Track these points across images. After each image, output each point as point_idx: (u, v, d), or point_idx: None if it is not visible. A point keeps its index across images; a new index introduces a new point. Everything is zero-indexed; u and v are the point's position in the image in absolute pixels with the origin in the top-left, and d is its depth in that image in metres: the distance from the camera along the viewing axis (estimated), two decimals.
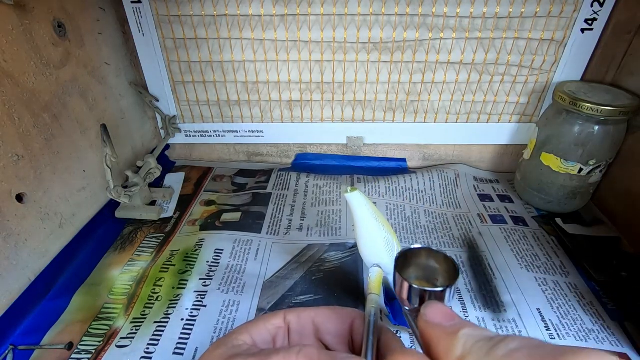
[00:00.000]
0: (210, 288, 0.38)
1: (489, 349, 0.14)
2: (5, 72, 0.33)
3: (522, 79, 0.50)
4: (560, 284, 0.40)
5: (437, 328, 0.17)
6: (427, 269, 0.23)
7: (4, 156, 0.33)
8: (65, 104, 0.40)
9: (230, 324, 0.35)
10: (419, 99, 0.53)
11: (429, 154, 0.59)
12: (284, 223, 0.48)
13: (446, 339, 0.16)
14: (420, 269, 0.23)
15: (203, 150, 0.61)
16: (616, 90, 0.45)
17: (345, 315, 0.23)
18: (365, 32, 0.47)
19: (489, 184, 0.56)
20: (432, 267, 0.23)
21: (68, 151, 0.41)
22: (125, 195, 0.44)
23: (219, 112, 0.56)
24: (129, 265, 0.41)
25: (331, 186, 0.54)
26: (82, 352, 0.33)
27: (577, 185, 0.47)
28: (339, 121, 0.56)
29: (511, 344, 0.14)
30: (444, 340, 0.16)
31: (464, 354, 0.15)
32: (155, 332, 0.34)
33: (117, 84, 0.49)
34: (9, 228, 0.34)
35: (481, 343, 0.15)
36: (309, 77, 0.51)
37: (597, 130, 0.43)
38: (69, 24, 0.40)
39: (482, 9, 0.45)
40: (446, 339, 0.16)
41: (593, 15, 0.45)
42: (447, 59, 0.49)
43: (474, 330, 0.16)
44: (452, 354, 0.15)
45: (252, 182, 0.56)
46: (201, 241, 0.44)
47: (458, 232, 0.47)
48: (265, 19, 0.47)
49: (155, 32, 0.49)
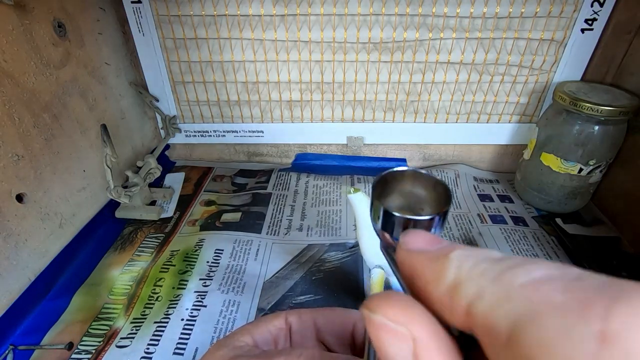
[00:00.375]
0: (211, 288, 0.38)
1: (499, 274, 0.10)
2: (5, 72, 0.33)
3: (522, 79, 0.50)
4: None
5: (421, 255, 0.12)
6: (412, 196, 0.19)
7: (4, 156, 0.33)
8: (65, 104, 0.40)
9: (231, 324, 0.35)
10: (419, 99, 0.53)
11: (429, 154, 0.59)
12: (284, 223, 0.48)
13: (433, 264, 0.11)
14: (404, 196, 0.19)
15: (203, 150, 0.61)
16: (616, 90, 0.45)
17: (347, 316, 0.23)
18: (365, 32, 0.47)
19: (489, 184, 0.56)
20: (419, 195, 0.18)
21: (68, 151, 0.41)
22: (125, 195, 0.44)
23: (219, 112, 0.56)
24: (129, 265, 0.41)
25: (331, 186, 0.54)
26: (82, 352, 0.33)
27: (577, 185, 0.47)
28: (339, 121, 0.56)
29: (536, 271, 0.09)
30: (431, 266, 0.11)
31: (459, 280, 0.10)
32: (155, 332, 0.34)
33: (117, 84, 0.49)
34: (9, 228, 0.34)
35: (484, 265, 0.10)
36: (309, 77, 0.51)
37: (597, 130, 0.43)
38: (69, 24, 0.40)
39: (482, 9, 0.45)
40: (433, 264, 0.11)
41: (593, 15, 0.45)
42: (447, 59, 0.49)
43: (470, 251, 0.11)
44: (442, 281, 0.11)
45: (252, 182, 0.56)
46: (201, 241, 0.44)
47: (458, 232, 0.47)
48: (265, 19, 0.47)
49: (155, 32, 0.49)
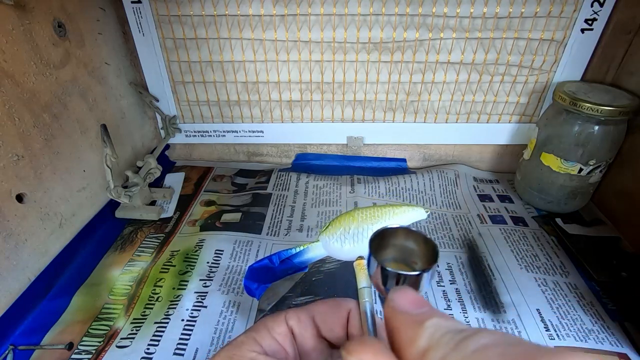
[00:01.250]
0: (211, 289, 0.38)
1: (458, 342, 0.13)
2: (5, 72, 0.33)
3: (522, 79, 0.50)
4: (560, 284, 0.40)
5: (403, 316, 0.15)
6: (405, 250, 0.21)
7: (4, 156, 0.33)
8: (65, 104, 0.40)
9: (231, 324, 0.35)
10: (419, 99, 0.53)
11: (429, 154, 0.59)
12: (284, 224, 0.48)
13: (411, 328, 0.14)
14: (398, 250, 0.21)
15: (203, 150, 0.61)
16: (616, 90, 0.45)
17: (342, 307, 0.23)
18: (365, 32, 0.47)
19: (489, 184, 0.56)
20: (411, 249, 0.21)
21: (68, 151, 0.41)
22: (125, 195, 0.44)
23: (219, 112, 0.56)
24: (129, 266, 0.41)
25: (331, 187, 0.54)
26: (83, 352, 0.33)
27: (577, 185, 0.47)
28: (339, 121, 0.56)
29: (483, 339, 0.12)
30: (409, 329, 0.14)
31: (430, 346, 0.13)
32: (155, 332, 0.34)
33: (117, 84, 0.49)
34: (9, 228, 0.34)
35: (449, 335, 0.13)
36: (309, 77, 0.51)
37: (597, 130, 0.43)
38: (69, 24, 0.40)
39: (482, 9, 0.45)
40: (411, 328, 0.14)
41: (593, 15, 0.45)
42: (447, 59, 0.49)
43: (443, 321, 0.14)
44: (416, 345, 0.13)
45: (252, 182, 0.56)
46: (201, 242, 0.44)
47: (458, 232, 0.47)
48: (265, 19, 0.47)
49: (155, 32, 0.49)
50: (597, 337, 0.34)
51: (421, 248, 0.20)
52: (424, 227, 0.47)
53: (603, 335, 0.34)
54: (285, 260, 0.30)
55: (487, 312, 0.37)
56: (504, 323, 0.36)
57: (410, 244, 0.21)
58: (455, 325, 0.14)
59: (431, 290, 0.39)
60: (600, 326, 0.35)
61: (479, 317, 0.36)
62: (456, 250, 0.44)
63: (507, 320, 0.36)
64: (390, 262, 0.21)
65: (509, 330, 0.35)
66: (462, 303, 0.38)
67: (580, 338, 0.34)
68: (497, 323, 0.36)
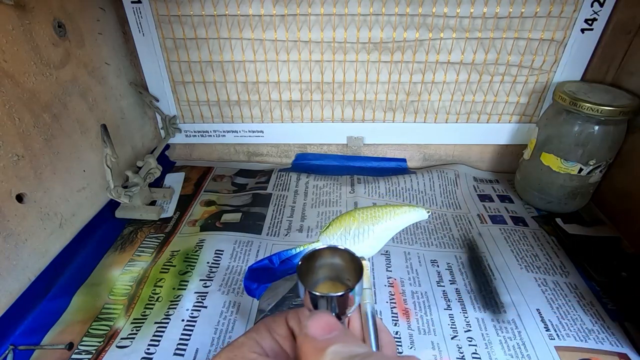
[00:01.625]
0: (211, 289, 0.38)
1: None
2: (5, 72, 0.33)
3: (522, 79, 0.50)
4: (560, 284, 0.40)
5: (311, 342, 0.16)
6: (336, 268, 0.21)
7: (4, 156, 0.33)
8: (65, 104, 0.40)
9: (231, 325, 0.35)
10: (419, 99, 0.53)
11: (429, 154, 0.59)
12: (284, 224, 0.48)
13: (314, 354, 0.15)
14: (330, 269, 0.22)
15: (203, 150, 0.61)
16: (616, 90, 0.45)
17: None
18: (365, 32, 0.47)
19: (489, 184, 0.56)
20: (341, 266, 0.21)
21: (68, 151, 0.41)
22: (125, 195, 0.44)
23: (219, 112, 0.56)
24: (129, 266, 0.41)
25: (331, 187, 0.54)
26: (83, 352, 0.33)
27: (577, 185, 0.47)
28: (339, 121, 0.56)
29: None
30: (313, 355, 0.15)
31: None
32: (155, 332, 0.34)
33: (117, 84, 0.49)
34: (9, 228, 0.34)
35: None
36: (309, 77, 0.51)
37: (597, 130, 0.43)
38: (69, 24, 0.40)
39: (482, 9, 0.45)
40: (315, 354, 0.15)
41: (593, 15, 0.45)
42: (447, 59, 0.49)
43: (343, 347, 0.15)
44: None
45: (252, 182, 0.56)
46: (201, 242, 0.44)
47: (458, 232, 0.47)
48: (265, 19, 0.47)
49: (155, 32, 0.49)
50: (597, 337, 0.34)
51: (349, 265, 0.21)
52: (424, 227, 0.47)
53: (603, 335, 0.34)
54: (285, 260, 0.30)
55: (487, 312, 0.37)
56: (504, 323, 0.36)
57: (337, 261, 0.21)
58: (353, 350, 0.15)
59: (431, 290, 0.39)
60: (600, 326, 0.35)
61: (479, 317, 0.36)
62: (456, 250, 0.44)
63: (507, 320, 0.36)
64: (325, 282, 0.21)
65: (508, 330, 0.35)
66: (462, 303, 0.38)
67: (580, 338, 0.34)
68: (497, 323, 0.36)
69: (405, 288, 0.39)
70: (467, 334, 0.35)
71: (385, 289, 0.39)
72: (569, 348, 0.33)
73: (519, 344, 0.34)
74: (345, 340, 0.15)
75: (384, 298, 0.38)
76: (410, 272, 0.41)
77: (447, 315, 0.36)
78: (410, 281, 0.40)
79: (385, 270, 0.41)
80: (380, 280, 0.40)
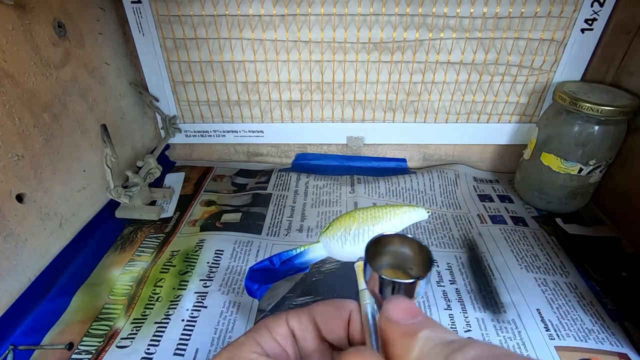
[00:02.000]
0: (211, 289, 0.38)
1: (447, 355, 0.13)
2: (5, 72, 0.33)
3: (522, 79, 0.50)
4: (560, 284, 0.40)
5: (396, 326, 0.15)
6: (401, 257, 0.21)
7: (4, 156, 0.33)
8: (65, 104, 0.40)
9: (231, 325, 0.35)
10: (419, 99, 0.53)
11: (429, 154, 0.59)
12: (284, 224, 0.48)
13: (404, 340, 0.14)
14: (395, 257, 0.21)
15: (203, 150, 0.61)
16: (616, 90, 0.45)
17: (343, 308, 0.23)
18: (365, 32, 0.47)
19: (489, 184, 0.56)
20: (407, 256, 0.21)
21: (68, 151, 0.41)
22: (125, 195, 0.44)
23: (219, 112, 0.56)
24: (129, 266, 0.41)
25: (331, 187, 0.54)
26: (83, 352, 0.33)
27: (577, 185, 0.47)
28: (339, 121, 0.56)
29: (470, 352, 0.13)
30: (402, 341, 0.15)
31: (420, 357, 0.14)
32: (155, 332, 0.34)
33: (117, 84, 0.49)
34: (9, 228, 0.34)
35: (439, 347, 0.14)
36: (309, 77, 0.51)
37: (597, 130, 0.43)
38: (69, 24, 0.40)
39: (482, 9, 0.45)
40: (404, 339, 0.15)
41: (593, 15, 0.45)
42: (447, 59, 0.49)
43: (433, 332, 0.14)
44: (408, 357, 0.14)
45: (252, 182, 0.56)
46: (201, 242, 0.44)
47: (458, 232, 0.47)
48: (265, 19, 0.47)
49: (155, 32, 0.49)
50: (597, 337, 0.34)
51: (417, 255, 0.21)
52: (424, 227, 0.47)
53: (603, 335, 0.34)
54: (285, 261, 0.30)
55: (487, 312, 0.37)
56: (504, 323, 0.36)
57: (406, 250, 0.21)
58: (446, 336, 0.14)
59: (431, 290, 0.39)
60: (600, 326, 0.35)
61: (479, 317, 0.36)
62: (456, 250, 0.44)
63: (507, 320, 0.36)
64: (386, 269, 0.21)
65: (508, 330, 0.35)
66: (462, 303, 0.38)
67: (580, 338, 0.34)
68: (497, 323, 0.36)
69: None
70: (467, 334, 0.35)
71: None
72: (569, 348, 0.33)
73: (519, 344, 0.34)
74: (433, 326, 0.15)
75: None
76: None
77: (447, 315, 0.36)
78: None
79: None
80: None
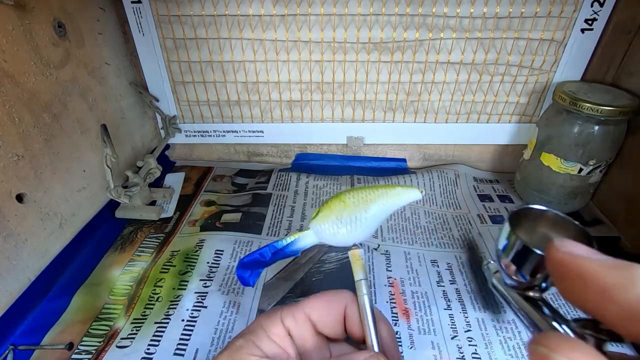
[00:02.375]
0: (211, 289, 0.38)
1: None
2: (5, 72, 0.33)
3: (522, 79, 0.50)
4: None
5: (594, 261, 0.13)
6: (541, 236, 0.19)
7: (4, 156, 0.33)
8: (65, 104, 0.40)
9: (231, 325, 0.35)
10: (419, 99, 0.53)
11: (429, 154, 0.59)
12: (284, 224, 0.48)
13: (617, 272, 0.12)
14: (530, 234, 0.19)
15: (203, 150, 0.61)
16: (616, 90, 0.45)
17: (338, 302, 0.23)
18: (365, 32, 0.47)
19: (489, 184, 0.56)
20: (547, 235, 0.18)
21: (68, 151, 0.41)
22: (125, 195, 0.44)
23: (219, 112, 0.56)
24: (129, 266, 0.41)
25: (331, 187, 0.54)
26: (83, 352, 0.33)
27: (577, 185, 0.47)
28: (339, 121, 0.56)
29: None
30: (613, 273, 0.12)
31: None
32: (155, 332, 0.34)
33: (117, 84, 0.49)
34: (9, 228, 0.34)
35: None
36: (309, 77, 0.51)
37: (597, 130, 0.43)
38: (69, 24, 0.40)
39: (482, 9, 0.45)
40: (617, 271, 0.12)
41: (593, 15, 0.45)
42: (447, 59, 0.49)
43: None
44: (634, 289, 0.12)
45: (252, 182, 0.56)
46: (201, 242, 0.44)
47: (458, 232, 0.47)
48: (265, 19, 0.47)
49: (155, 32, 0.49)
50: None
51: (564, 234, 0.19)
52: (424, 227, 0.47)
53: None
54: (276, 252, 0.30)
55: (487, 312, 0.37)
56: (503, 323, 0.36)
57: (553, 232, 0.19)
58: None
59: (431, 290, 0.39)
60: None
61: (479, 317, 0.36)
62: (456, 250, 0.44)
63: (507, 320, 0.36)
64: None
65: (508, 330, 0.35)
66: (462, 303, 0.38)
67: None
68: (497, 323, 0.36)
69: (405, 288, 0.39)
70: (467, 334, 0.35)
71: (385, 288, 0.39)
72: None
73: (519, 344, 0.34)
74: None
75: (384, 298, 0.38)
76: (410, 272, 0.41)
77: (447, 315, 0.36)
78: (410, 281, 0.40)
79: (385, 270, 0.41)
80: (380, 280, 0.40)
